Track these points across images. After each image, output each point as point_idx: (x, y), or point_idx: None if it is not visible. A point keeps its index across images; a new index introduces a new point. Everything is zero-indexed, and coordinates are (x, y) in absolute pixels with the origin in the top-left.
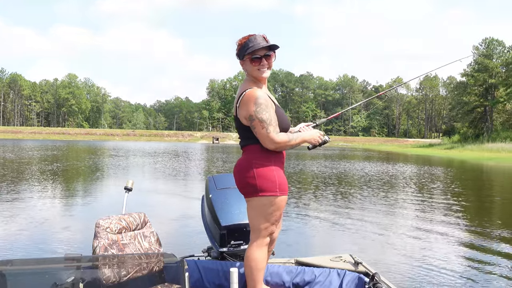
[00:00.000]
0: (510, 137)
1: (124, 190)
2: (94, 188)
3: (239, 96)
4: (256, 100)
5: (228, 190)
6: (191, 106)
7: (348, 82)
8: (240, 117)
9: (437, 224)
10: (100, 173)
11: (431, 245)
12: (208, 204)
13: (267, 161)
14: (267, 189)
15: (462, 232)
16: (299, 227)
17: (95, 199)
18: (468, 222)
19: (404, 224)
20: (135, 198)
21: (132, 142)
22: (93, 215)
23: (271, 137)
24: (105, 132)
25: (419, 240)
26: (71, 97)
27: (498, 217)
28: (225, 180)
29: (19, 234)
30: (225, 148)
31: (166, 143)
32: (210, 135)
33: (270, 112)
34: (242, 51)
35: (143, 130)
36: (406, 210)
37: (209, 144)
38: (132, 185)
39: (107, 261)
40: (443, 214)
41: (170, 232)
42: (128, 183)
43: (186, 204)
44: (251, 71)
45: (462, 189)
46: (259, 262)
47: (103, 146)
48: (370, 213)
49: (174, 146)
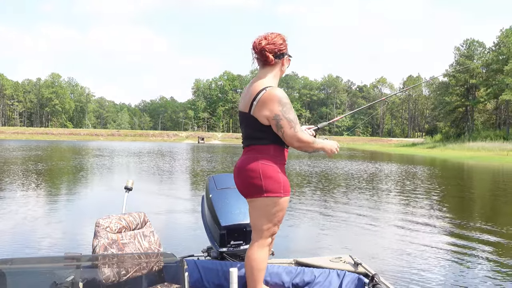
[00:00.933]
0: (490, 136)
1: (124, 189)
2: (82, 189)
3: (256, 93)
4: (280, 99)
5: (228, 190)
6: (176, 105)
7: (332, 82)
8: (257, 115)
9: (421, 217)
10: (86, 173)
11: (426, 240)
12: (208, 204)
13: (273, 162)
14: (273, 190)
15: (444, 223)
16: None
17: (82, 199)
18: (453, 217)
19: (398, 220)
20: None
21: (117, 142)
22: (78, 215)
23: (299, 136)
24: (89, 132)
25: (417, 238)
26: (54, 97)
27: (485, 214)
28: (226, 180)
29: (18, 233)
30: (210, 148)
31: (151, 143)
32: (196, 135)
33: (294, 112)
34: (287, 50)
35: (128, 130)
36: (395, 207)
37: (195, 144)
38: (132, 184)
39: (107, 261)
40: (428, 209)
41: (170, 231)
42: (128, 183)
43: (174, 203)
44: (284, 70)
45: (446, 188)
46: (260, 262)
47: (87, 146)
48: (356, 209)
49: (159, 146)
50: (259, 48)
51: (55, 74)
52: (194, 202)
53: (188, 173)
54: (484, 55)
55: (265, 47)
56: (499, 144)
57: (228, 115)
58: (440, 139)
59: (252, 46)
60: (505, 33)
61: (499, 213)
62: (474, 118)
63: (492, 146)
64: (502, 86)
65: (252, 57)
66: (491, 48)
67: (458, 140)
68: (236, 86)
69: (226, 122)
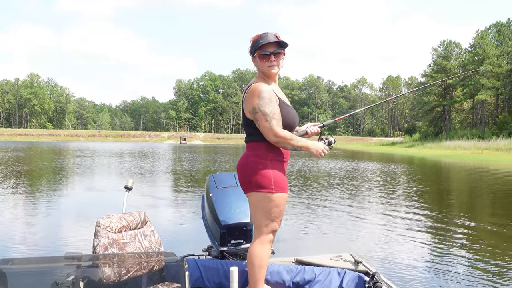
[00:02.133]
0: (466, 135)
1: (124, 189)
2: (73, 189)
3: (245, 90)
4: (260, 93)
5: (228, 189)
6: (158, 106)
7: (314, 82)
8: (245, 111)
9: (401, 211)
10: (69, 173)
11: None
12: (208, 203)
13: (263, 158)
14: (262, 185)
15: (422, 217)
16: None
17: (74, 199)
18: (430, 211)
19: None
20: (109, 198)
21: (99, 143)
22: (68, 215)
23: (274, 130)
24: (69, 133)
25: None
26: (33, 97)
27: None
28: (225, 179)
29: (18, 233)
30: (192, 148)
31: (133, 143)
32: (177, 135)
33: (274, 106)
34: (254, 47)
35: (109, 131)
36: (387, 206)
37: (177, 144)
38: (132, 184)
39: (108, 260)
40: (407, 205)
41: (171, 231)
42: (128, 182)
43: (171, 203)
44: (260, 67)
45: (427, 186)
46: (261, 259)
47: (68, 147)
48: (342, 207)
49: (141, 146)
50: None
51: (34, 74)
52: (192, 202)
53: (178, 173)
54: (460, 56)
55: None
56: (474, 143)
57: (210, 116)
58: (418, 138)
59: None
60: (480, 35)
61: (478, 209)
62: (451, 117)
63: (468, 144)
64: (478, 86)
65: None
66: (467, 49)
67: (436, 139)
68: (218, 87)
69: (208, 123)
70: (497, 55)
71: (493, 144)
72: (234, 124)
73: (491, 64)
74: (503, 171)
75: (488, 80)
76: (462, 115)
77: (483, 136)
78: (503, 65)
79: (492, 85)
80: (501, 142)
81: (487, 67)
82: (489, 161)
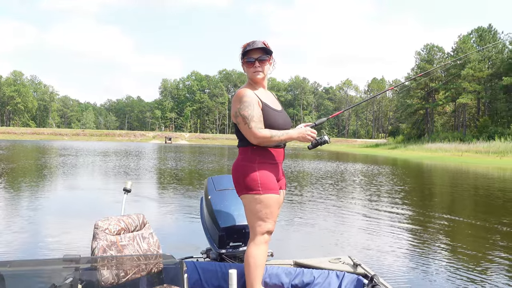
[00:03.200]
0: (448, 137)
1: (123, 191)
2: (64, 189)
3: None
4: (241, 98)
5: (227, 192)
6: (143, 105)
7: (299, 84)
8: (232, 115)
9: (385, 209)
10: (51, 172)
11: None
12: (207, 206)
13: (251, 162)
14: (251, 187)
15: (406, 214)
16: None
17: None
18: (413, 211)
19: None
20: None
21: (83, 142)
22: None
23: (253, 132)
24: (53, 132)
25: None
26: (16, 95)
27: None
28: (224, 181)
29: (16, 235)
30: (178, 148)
31: (118, 143)
32: (163, 135)
33: (253, 109)
34: (242, 54)
35: (93, 130)
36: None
37: (162, 143)
38: (131, 186)
39: (106, 263)
40: (391, 204)
41: (169, 233)
42: (127, 184)
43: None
44: (247, 73)
45: (418, 188)
46: (258, 259)
47: (52, 145)
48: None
49: (127, 146)
50: None
51: (17, 72)
52: (186, 203)
53: (156, 172)
54: (443, 60)
55: None
56: (455, 145)
57: (196, 116)
58: (401, 140)
59: None
60: (462, 40)
61: (477, 212)
62: (434, 120)
63: (449, 147)
64: (459, 90)
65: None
66: (449, 53)
67: (419, 141)
68: (204, 87)
69: (193, 123)
70: (478, 59)
71: (473, 146)
72: (220, 124)
73: (472, 69)
74: (481, 173)
75: (469, 84)
76: (445, 118)
77: (464, 139)
78: (484, 69)
79: (473, 89)
80: (481, 145)
81: (468, 71)
82: (468, 163)
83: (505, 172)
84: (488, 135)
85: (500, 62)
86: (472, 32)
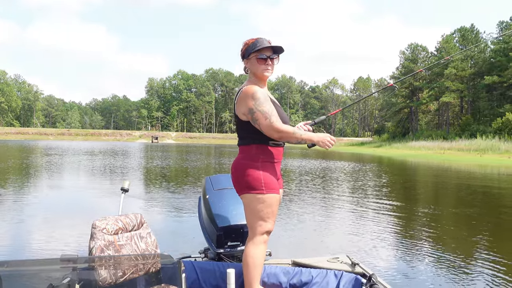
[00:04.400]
0: (432, 135)
1: (121, 191)
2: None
3: (237, 93)
4: (253, 94)
5: (225, 191)
6: (129, 104)
7: (286, 82)
8: (238, 113)
9: (371, 204)
10: (35, 171)
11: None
12: (205, 205)
13: (254, 160)
14: (253, 187)
15: (389, 209)
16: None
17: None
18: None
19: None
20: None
21: (69, 142)
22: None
23: (275, 126)
24: (38, 131)
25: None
26: (0, 95)
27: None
28: (222, 181)
29: (14, 235)
30: (164, 147)
31: (104, 142)
32: (149, 134)
33: (270, 104)
34: (249, 50)
35: (79, 129)
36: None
37: (148, 143)
38: (128, 186)
39: (104, 262)
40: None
41: (167, 233)
42: (124, 184)
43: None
44: (255, 70)
45: (406, 186)
46: (256, 259)
47: (37, 145)
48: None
49: (113, 145)
50: None
51: (0, 71)
52: (181, 202)
53: (143, 172)
54: (427, 59)
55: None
56: (438, 143)
57: (182, 115)
58: (387, 138)
59: None
60: (445, 39)
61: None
62: (418, 118)
63: (432, 145)
64: (443, 89)
65: None
66: (433, 53)
67: (403, 139)
68: (190, 86)
69: (180, 122)
70: (461, 59)
71: (455, 144)
72: (207, 123)
73: (455, 68)
74: (463, 170)
75: (452, 83)
76: (429, 116)
77: (447, 137)
78: (466, 68)
79: (456, 88)
80: (463, 142)
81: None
82: (450, 161)
83: (485, 169)
84: (470, 133)
85: (482, 62)
86: (455, 31)
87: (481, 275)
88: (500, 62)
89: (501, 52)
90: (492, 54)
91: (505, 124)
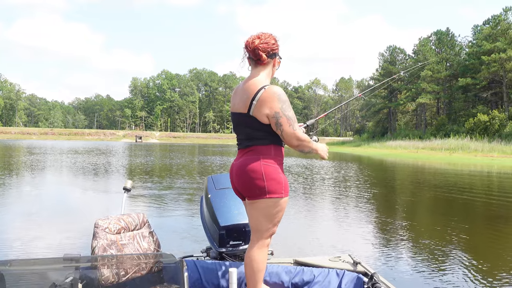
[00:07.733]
0: (409, 135)
1: (123, 190)
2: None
3: (255, 93)
4: (279, 97)
5: (227, 190)
6: (113, 104)
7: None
8: (258, 114)
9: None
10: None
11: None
12: (207, 204)
13: (274, 162)
14: (275, 190)
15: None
16: None
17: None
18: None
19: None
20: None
21: (52, 141)
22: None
23: (297, 134)
24: (21, 131)
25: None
26: None
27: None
28: (224, 180)
29: (16, 235)
30: (148, 147)
31: (87, 142)
32: (133, 133)
33: (292, 110)
34: (278, 50)
35: (62, 129)
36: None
37: (132, 142)
38: (131, 185)
39: (106, 262)
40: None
41: (169, 232)
42: (127, 184)
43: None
44: (273, 70)
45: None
46: (261, 263)
47: (20, 145)
48: None
49: (97, 145)
50: (252, 46)
51: None
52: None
53: (127, 171)
54: (405, 61)
55: (258, 46)
56: (414, 143)
57: (166, 114)
58: (366, 138)
59: (245, 45)
60: (422, 42)
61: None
62: (397, 119)
63: (408, 144)
64: (419, 90)
65: (242, 57)
66: (410, 55)
67: (382, 139)
68: (174, 85)
69: (164, 121)
70: (437, 61)
71: (429, 144)
72: (190, 123)
73: (431, 70)
74: (435, 167)
75: (428, 85)
76: (408, 116)
77: (423, 136)
78: (442, 71)
79: (432, 89)
80: (436, 142)
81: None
82: (422, 159)
83: (455, 167)
84: (444, 133)
85: (457, 64)
86: (432, 35)
87: (481, 276)
88: (473, 65)
89: (474, 55)
90: (466, 57)
91: (476, 124)
